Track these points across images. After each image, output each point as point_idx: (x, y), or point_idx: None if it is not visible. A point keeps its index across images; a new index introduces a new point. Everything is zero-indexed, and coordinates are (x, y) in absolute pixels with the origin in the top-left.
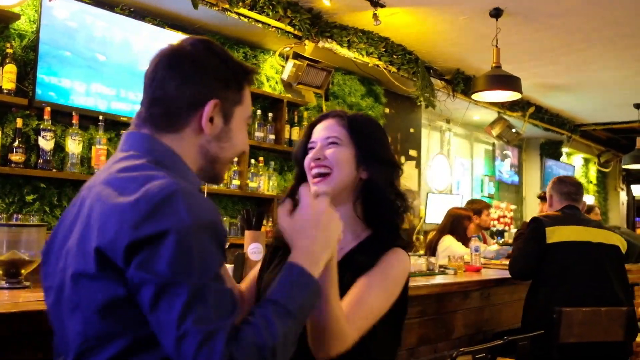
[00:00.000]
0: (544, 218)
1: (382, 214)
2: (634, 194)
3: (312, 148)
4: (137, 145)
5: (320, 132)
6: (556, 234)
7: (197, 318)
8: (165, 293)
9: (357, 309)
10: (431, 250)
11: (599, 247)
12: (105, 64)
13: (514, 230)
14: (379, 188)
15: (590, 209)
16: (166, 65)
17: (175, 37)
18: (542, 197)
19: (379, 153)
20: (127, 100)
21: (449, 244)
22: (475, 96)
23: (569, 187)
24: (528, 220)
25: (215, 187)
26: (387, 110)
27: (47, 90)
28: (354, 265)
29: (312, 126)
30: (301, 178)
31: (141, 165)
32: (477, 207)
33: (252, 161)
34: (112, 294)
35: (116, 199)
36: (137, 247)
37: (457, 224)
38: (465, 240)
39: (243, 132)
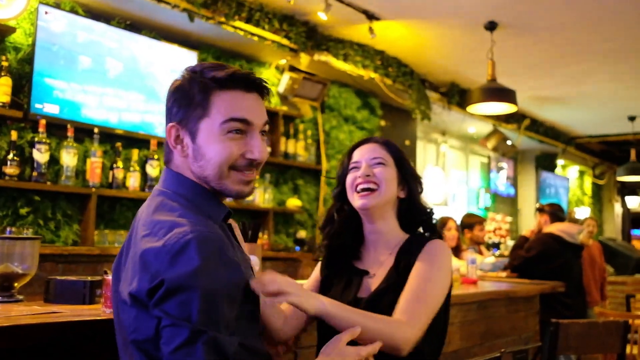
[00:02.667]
0: None
1: (418, 223)
2: (629, 206)
3: (355, 168)
4: (167, 182)
5: (364, 153)
6: None
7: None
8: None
9: (415, 307)
10: None
11: None
12: (101, 76)
13: (510, 242)
14: (415, 204)
15: (582, 222)
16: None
17: (171, 50)
18: (541, 210)
19: (414, 174)
20: (122, 112)
21: None
22: (470, 109)
23: None
24: (524, 232)
25: None
26: (382, 123)
27: (42, 102)
28: (402, 264)
29: (352, 149)
30: (341, 196)
31: (171, 209)
32: (469, 221)
33: None
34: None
35: (147, 244)
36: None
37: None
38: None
39: (217, 144)
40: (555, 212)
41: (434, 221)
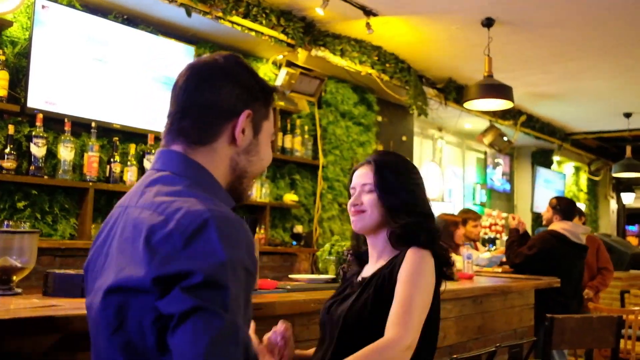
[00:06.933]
0: None
1: (400, 235)
2: (624, 202)
3: (352, 193)
4: (171, 165)
5: (358, 178)
6: None
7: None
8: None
9: (405, 317)
10: None
11: None
12: (98, 70)
13: (505, 238)
14: (399, 222)
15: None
16: (198, 77)
17: (168, 45)
18: (553, 206)
19: (396, 192)
20: (120, 106)
21: None
22: (467, 105)
23: None
24: (512, 225)
25: None
26: (379, 118)
27: (40, 96)
28: (387, 274)
29: (353, 172)
30: None
31: (175, 191)
32: (464, 216)
33: None
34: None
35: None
36: (166, 281)
37: (443, 230)
38: (452, 247)
39: (269, 147)
40: (567, 211)
41: (424, 231)
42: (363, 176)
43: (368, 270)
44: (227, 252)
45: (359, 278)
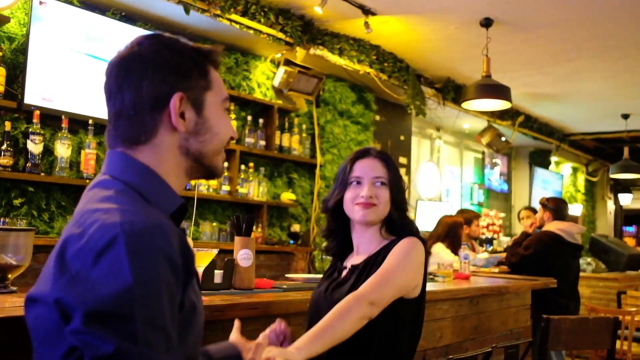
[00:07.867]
0: None
1: (398, 231)
2: (622, 203)
3: (357, 183)
4: (112, 167)
5: (367, 170)
6: None
7: None
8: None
9: (381, 282)
10: None
11: None
12: (95, 67)
13: (503, 238)
14: (395, 217)
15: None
16: (119, 74)
17: None
18: (544, 205)
19: (401, 192)
20: None
21: (438, 251)
22: (465, 105)
23: None
24: (524, 228)
25: (205, 192)
26: (377, 118)
27: (36, 93)
28: (380, 259)
29: (354, 160)
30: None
31: (103, 197)
32: (467, 216)
33: (242, 167)
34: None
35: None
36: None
37: (452, 232)
38: (458, 247)
39: (222, 118)
40: (558, 209)
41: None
42: (374, 169)
43: (358, 258)
44: (135, 273)
45: (348, 265)
